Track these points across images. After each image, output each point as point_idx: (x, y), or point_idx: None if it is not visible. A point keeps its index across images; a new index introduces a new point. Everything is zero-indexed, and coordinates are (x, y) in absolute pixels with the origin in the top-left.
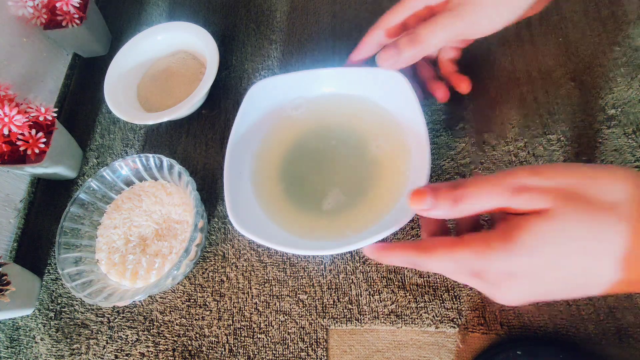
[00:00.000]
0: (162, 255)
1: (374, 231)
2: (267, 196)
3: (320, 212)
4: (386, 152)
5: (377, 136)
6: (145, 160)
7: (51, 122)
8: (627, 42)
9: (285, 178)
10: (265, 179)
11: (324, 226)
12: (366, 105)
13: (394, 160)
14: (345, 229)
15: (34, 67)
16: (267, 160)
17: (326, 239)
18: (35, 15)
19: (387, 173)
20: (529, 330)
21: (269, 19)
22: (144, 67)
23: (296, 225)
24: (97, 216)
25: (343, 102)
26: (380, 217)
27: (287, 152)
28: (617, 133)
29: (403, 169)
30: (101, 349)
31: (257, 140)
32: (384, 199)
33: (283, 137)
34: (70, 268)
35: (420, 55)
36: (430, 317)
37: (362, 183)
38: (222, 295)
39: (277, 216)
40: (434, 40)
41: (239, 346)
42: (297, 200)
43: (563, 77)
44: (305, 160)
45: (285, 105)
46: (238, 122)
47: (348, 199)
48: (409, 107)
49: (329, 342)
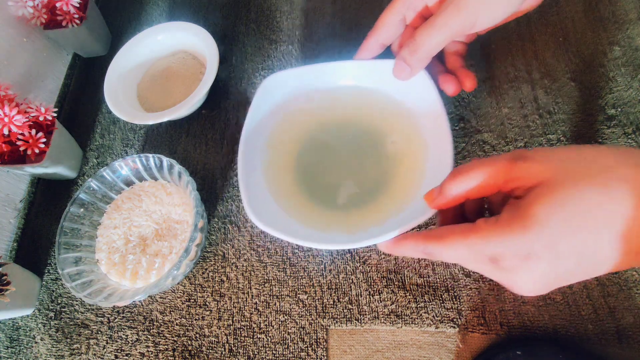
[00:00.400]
0: (162, 255)
1: (391, 226)
2: (281, 189)
3: (334, 206)
4: (402, 148)
5: (393, 131)
6: (145, 160)
7: (51, 122)
8: (627, 42)
9: (299, 171)
10: (278, 172)
11: (341, 220)
12: (382, 99)
13: (411, 156)
14: (360, 224)
15: (34, 67)
16: (280, 153)
17: (342, 232)
18: (35, 15)
19: (404, 169)
20: (529, 330)
21: (269, 19)
22: (144, 67)
23: (311, 219)
24: (97, 216)
25: (358, 95)
26: (397, 212)
27: (301, 146)
28: (617, 133)
29: (421, 165)
30: (101, 349)
31: (270, 133)
32: (401, 195)
33: (296, 130)
34: (70, 268)
35: (426, 60)
36: (430, 317)
37: (378, 178)
38: (222, 295)
39: (292, 209)
40: (434, 43)
41: (239, 346)
42: (311, 193)
43: (563, 77)
44: (319, 153)
45: (298, 98)
46: (251, 115)
47: (363, 194)
48: (428, 100)
49: (329, 342)
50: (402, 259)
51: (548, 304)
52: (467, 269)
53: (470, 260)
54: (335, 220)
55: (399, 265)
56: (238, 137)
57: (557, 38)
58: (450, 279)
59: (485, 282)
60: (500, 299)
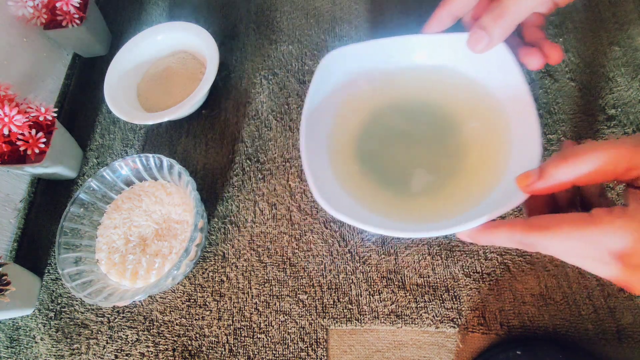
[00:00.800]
0: (162, 255)
1: (471, 215)
2: (348, 175)
3: (405, 192)
4: (480, 132)
5: (469, 114)
6: (145, 160)
7: (51, 122)
8: (627, 42)
9: (365, 156)
10: (343, 157)
11: (416, 207)
12: (456, 77)
13: (490, 142)
14: (434, 211)
15: (34, 67)
16: (344, 136)
17: (419, 220)
18: (35, 15)
19: (482, 154)
20: (529, 330)
21: (269, 19)
22: (144, 67)
23: (382, 206)
24: (97, 216)
25: (429, 73)
26: (476, 201)
27: (367, 129)
28: (617, 133)
29: (503, 152)
30: (101, 349)
31: (333, 115)
32: (478, 183)
33: (361, 112)
34: (70, 268)
35: (510, 29)
36: (430, 317)
37: (453, 165)
38: (222, 295)
39: (361, 196)
40: (522, 8)
41: (239, 346)
42: (379, 179)
43: (563, 77)
44: (387, 137)
45: (362, 77)
46: (311, 95)
47: (435, 181)
48: (509, 77)
49: (329, 342)
50: (402, 259)
51: (548, 304)
52: (467, 269)
53: (581, 254)
54: (411, 207)
55: (399, 265)
56: (238, 137)
57: (557, 38)
58: (450, 279)
59: (485, 282)
60: (500, 299)
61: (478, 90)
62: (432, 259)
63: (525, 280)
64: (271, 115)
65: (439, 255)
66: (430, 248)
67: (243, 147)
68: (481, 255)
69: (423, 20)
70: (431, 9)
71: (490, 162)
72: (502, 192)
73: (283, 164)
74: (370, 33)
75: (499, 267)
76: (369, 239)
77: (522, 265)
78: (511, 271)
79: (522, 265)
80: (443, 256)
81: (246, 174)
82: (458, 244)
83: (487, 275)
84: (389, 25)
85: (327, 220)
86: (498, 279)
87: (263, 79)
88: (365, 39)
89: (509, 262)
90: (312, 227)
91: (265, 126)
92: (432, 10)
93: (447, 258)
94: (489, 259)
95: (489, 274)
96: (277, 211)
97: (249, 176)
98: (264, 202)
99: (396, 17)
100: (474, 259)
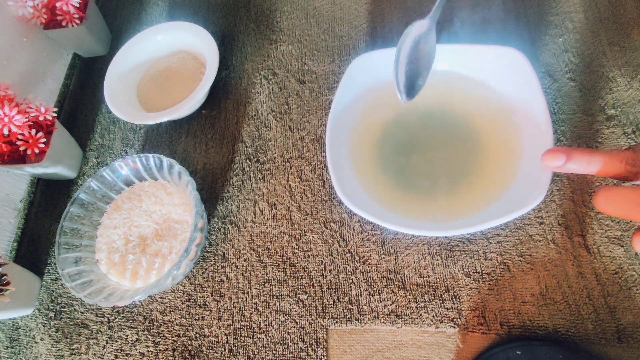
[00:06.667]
0: (162, 255)
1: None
2: (367, 174)
3: (423, 193)
4: (495, 139)
5: (487, 121)
6: (145, 160)
7: (51, 122)
8: (627, 42)
9: (385, 157)
10: (363, 156)
11: (437, 208)
12: (476, 86)
13: (504, 148)
14: (454, 212)
15: (34, 67)
16: (366, 137)
17: (435, 220)
18: (35, 15)
19: (495, 160)
20: (529, 330)
21: (269, 19)
22: (144, 67)
23: (402, 206)
24: (97, 216)
25: (450, 81)
26: (489, 203)
27: (387, 130)
28: (617, 133)
29: (515, 158)
30: (101, 349)
31: (357, 116)
32: (492, 187)
33: (383, 114)
34: (70, 268)
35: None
36: (430, 317)
37: (468, 168)
38: (222, 295)
39: (381, 196)
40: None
41: (239, 346)
42: (398, 180)
43: (563, 77)
44: (407, 139)
45: (386, 82)
46: (338, 98)
47: (452, 184)
48: (527, 89)
49: (328, 342)
50: (402, 259)
51: (548, 304)
52: (467, 269)
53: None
54: (432, 208)
55: (399, 265)
56: (238, 137)
57: (557, 38)
58: (450, 278)
59: (485, 282)
60: (500, 299)
61: (496, 98)
62: (432, 258)
63: (525, 280)
64: (271, 115)
65: (439, 255)
66: (430, 248)
67: (243, 147)
68: (481, 255)
69: None
70: (431, 9)
71: (504, 167)
72: (512, 195)
73: (283, 164)
74: (370, 33)
75: (499, 267)
76: (369, 239)
77: (522, 265)
78: (511, 271)
79: (522, 265)
80: (443, 256)
81: (246, 174)
82: (458, 244)
83: (487, 275)
84: (389, 26)
85: (327, 220)
86: (498, 278)
87: (263, 79)
88: (365, 39)
89: (508, 262)
90: (312, 227)
91: (265, 126)
92: (432, 10)
93: (447, 258)
94: (489, 258)
95: (488, 273)
96: (277, 211)
97: (249, 176)
98: (264, 202)
99: (396, 18)
100: (473, 259)
